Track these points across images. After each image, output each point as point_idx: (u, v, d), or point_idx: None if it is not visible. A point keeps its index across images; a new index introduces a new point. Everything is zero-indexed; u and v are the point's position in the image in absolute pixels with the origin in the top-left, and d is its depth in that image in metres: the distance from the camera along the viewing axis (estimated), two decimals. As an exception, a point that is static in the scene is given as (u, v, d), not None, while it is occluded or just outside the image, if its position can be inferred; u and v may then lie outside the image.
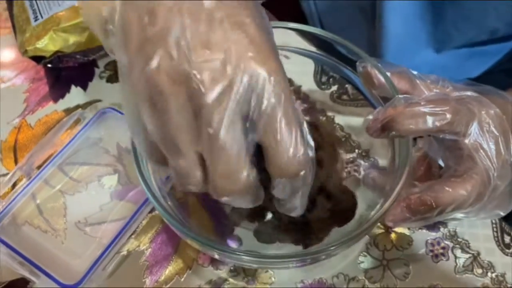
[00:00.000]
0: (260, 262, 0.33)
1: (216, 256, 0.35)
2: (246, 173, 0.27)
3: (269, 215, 0.42)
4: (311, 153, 0.29)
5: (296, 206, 0.32)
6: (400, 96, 0.35)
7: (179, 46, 0.25)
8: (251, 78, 0.25)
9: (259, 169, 0.28)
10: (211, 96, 0.25)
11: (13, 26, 0.54)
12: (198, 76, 0.25)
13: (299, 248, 0.40)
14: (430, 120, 0.34)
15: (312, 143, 0.29)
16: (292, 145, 0.27)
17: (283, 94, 0.26)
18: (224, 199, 0.28)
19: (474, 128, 0.35)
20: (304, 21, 0.64)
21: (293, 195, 0.30)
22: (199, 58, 0.25)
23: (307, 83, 0.52)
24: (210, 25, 0.25)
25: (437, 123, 0.34)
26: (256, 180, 0.28)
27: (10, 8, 0.55)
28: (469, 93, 0.38)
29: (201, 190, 0.29)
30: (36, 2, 0.52)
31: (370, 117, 0.35)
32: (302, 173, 0.28)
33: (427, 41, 0.54)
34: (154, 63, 0.25)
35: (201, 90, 0.25)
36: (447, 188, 0.35)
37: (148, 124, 0.27)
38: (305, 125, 0.29)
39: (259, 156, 0.28)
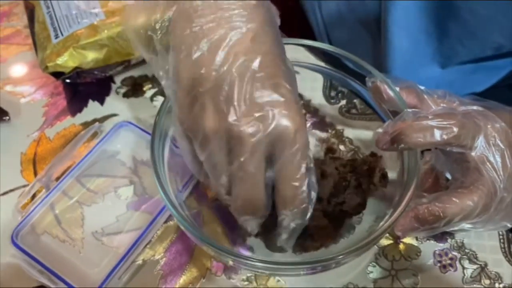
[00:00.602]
0: (273, 268, 0.34)
1: (230, 263, 0.36)
2: (263, 199, 0.34)
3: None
4: (313, 193, 0.35)
5: (285, 240, 0.38)
6: (408, 110, 0.36)
7: (226, 101, 0.31)
8: (281, 131, 0.31)
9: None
10: (249, 143, 0.31)
11: (34, 43, 0.56)
12: (240, 128, 0.31)
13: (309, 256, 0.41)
14: (437, 134, 0.35)
15: (316, 186, 0.35)
16: (298, 183, 0.33)
17: (302, 146, 0.32)
18: (241, 218, 0.36)
19: (480, 142, 0.36)
20: (312, 36, 0.65)
21: (289, 227, 0.36)
22: (242, 114, 0.31)
23: (317, 97, 0.53)
24: (253, 85, 0.31)
25: (445, 137, 0.35)
26: (267, 209, 0.35)
27: (31, 26, 0.57)
28: (475, 107, 0.39)
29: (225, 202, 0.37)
30: (57, 21, 0.54)
31: (380, 130, 0.36)
32: (302, 207, 0.34)
33: (433, 56, 0.55)
34: (201, 110, 0.31)
35: (242, 139, 0.31)
36: (454, 199, 0.36)
37: (193, 154, 0.35)
38: (312, 171, 0.35)
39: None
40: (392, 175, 0.43)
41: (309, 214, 0.36)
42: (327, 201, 0.42)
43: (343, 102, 0.53)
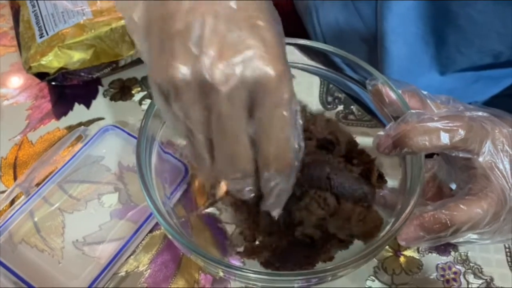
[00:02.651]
0: (266, 280, 0.32)
1: (221, 274, 0.33)
2: (249, 155, 0.30)
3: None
4: (300, 154, 0.31)
5: (276, 205, 0.34)
6: (412, 111, 0.34)
7: (197, 44, 0.27)
8: (260, 77, 0.27)
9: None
10: (223, 90, 0.27)
11: (19, 43, 0.54)
12: (211, 73, 0.27)
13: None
14: (444, 136, 0.33)
15: (303, 144, 0.31)
16: (282, 141, 0.29)
17: (285, 95, 0.28)
18: (227, 177, 0.31)
19: (488, 146, 0.34)
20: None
21: (274, 191, 0.32)
22: (215, 56, 0.27)
23: (313, 103, 0.51)
24: (229, 25, 0.27)
25: (451, 140, 0.33)
26: (254, 166, 0.30)
27: (16, 25, 0.55)
28: (480, 113, 0.37)
29: (210, 174, 0.32)
30: (42, 19, 0.52)
31: (381, 133, 0.34)
32: (286, 167, 0.30)
33: (431, 63, 0.53)
34: (170, 56, 0.27)
35: (214, 86, 0.27)
36: (462, 206, 0.33)
37: (168, 110, 0.30)
38: (299, 126, 0.31)
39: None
40: (393, 183, 0.41)
41: (293, 177, 0.32)
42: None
43: (340, 107, 0.51)
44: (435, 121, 0.33)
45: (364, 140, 0.46)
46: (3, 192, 0.47)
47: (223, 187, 0.39)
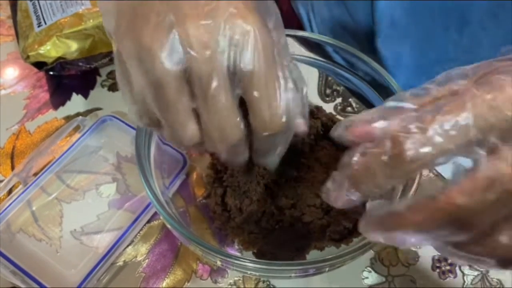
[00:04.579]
0: (263, 269, 0.32)
1: (219, 263, 0.34)
2: (237, 122, 0.28)
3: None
4: (297, 110, 0.29)
5: (271, 161, 0.32)
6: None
7: (167, 6, 0.25)
8: (234, 33, 0.26)
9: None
10: (200, 55, 0.25)
11: (16, 33, 0.53)
12: (184, 34, 0.25)
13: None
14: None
15: (303, 84, 0.29)
16: (274, 100, 0.27)
17: (264, 47, 0.26)
18: (218, 149, 0.29)
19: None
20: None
21: (271, 151, 0.31)
22: (184, 19, 0.25)
23: (312, 96, 0.51)
24: None
25: None
26: (245, 132, 0.29)
27: (14, 14, 0.55)
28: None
29: (196, 144, 0.29)
30: (40, 8, 0.51)
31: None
32: (283, 128, 0.28)
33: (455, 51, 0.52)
34: (140, 21, 0.26)
35: (189, 51, 0.25)
36: None
37: (140, 85, 0.27)
38: (294, 73, 0.29)
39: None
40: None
41: (292, 132, 0.30)
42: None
43: (339, 100, 0.51)
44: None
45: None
46: (0, 181, 0.46)
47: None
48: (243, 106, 0.28)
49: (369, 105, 0.47)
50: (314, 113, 0.45)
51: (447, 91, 0.24)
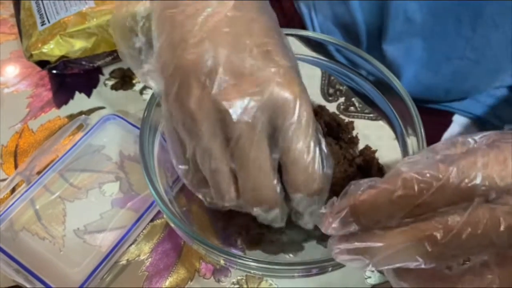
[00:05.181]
0: (266, 269, 0.32)
1: (222, 263, 0.34)
2: (273, 186, 0.30)
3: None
4: (329, 171, 0.30)
5: (308, 221, 0.34)
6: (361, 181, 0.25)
7: (210, 75, 0.27)
8: (277, 101, 0.27)
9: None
10: (242, 119, 0.27)
11: (20, 31, 0.53)
12: (229, 103, 0.27)
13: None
14: None
15: (331, 163, 0.31)
16: (309, 165, 0.29)
17: (305, 116, 0.28)
18: (255, 209, 0.31)
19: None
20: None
21: (307, 211, 0.32)
22: (229, 87, 0.27)
23: (315, 95, 0.51)
24: (239, 54, 0.27)
25: None
26: (282, 193, 0.30)
27: (17, 13, 0.55)
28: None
29: (234, 204, 0.32)
30: (44, 7, 0.52)
31: (323, 210, 0.26)
32: (316, 191, 0.30)
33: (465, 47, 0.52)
34: (186, 91, 0.27)
35: (231, 115, 0.27)
36: None
37: (187, 145, 0.30)
38: (324, 145, 0.30)
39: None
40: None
41: (326, 194, 0.31)
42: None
43: (342, 99, 0.51)
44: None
45: (365, 133, 0.46)
46: (4, 180, 0.47)
47: None
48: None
49: (372, 104, 0.47)
50: (317, 112, 0.45)
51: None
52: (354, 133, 0.46)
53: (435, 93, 0.57)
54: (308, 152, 0.28)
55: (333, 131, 0.44)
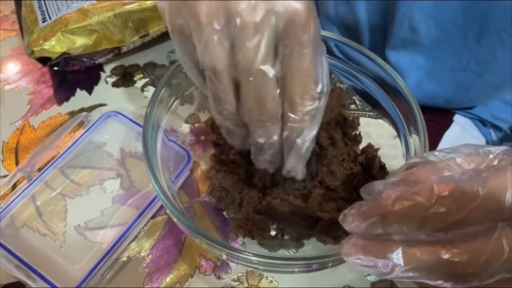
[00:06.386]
0: (267, 263, 0.32)
1: (224, 257, 0.34)
2: (276, 95, 0.29)
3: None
4: (325, 89, 0.30)
5: (297, 168, 0.34)
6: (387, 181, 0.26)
7: None
8: (291, 14, 0.27)
9: None
10: (249, 21, 0.26)
11: (21, 28, 0.53)
12: (237, 2, 0.26)
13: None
14: None
15: (328, 88, 0.31)
16: (309, 78, 0.28)
17: (314, 35, 0.27)
18: (252, 121, 0.30)
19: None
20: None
21: (300, 137, 0.31)
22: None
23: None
24: None
25: None
26: (279, 108, 0.30)
27: (18, 9, 0.55)
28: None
29: (233, 114, 0.31)
30: (45, 3, 0.52)
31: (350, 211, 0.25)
32: (312, 107, 0.29)
33: (469, 59, 0.52)
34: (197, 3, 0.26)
35: (238, 22, 0.26)
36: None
37: (190, 53, 0.29)
38: (325, 64, 0.30)
39: None
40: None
41: (319, 122, 0.31)
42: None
43: (343, 98, 0.51)
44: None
45: (366, 130, 0.47)
46: (5, 176, 0.47)
47: None
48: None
49: (373, 102, 0.47)
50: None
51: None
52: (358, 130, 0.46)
53: (436, 101, 0.58)
54: (310, 68, 0.28)
55: (340, 125, 0.44)
